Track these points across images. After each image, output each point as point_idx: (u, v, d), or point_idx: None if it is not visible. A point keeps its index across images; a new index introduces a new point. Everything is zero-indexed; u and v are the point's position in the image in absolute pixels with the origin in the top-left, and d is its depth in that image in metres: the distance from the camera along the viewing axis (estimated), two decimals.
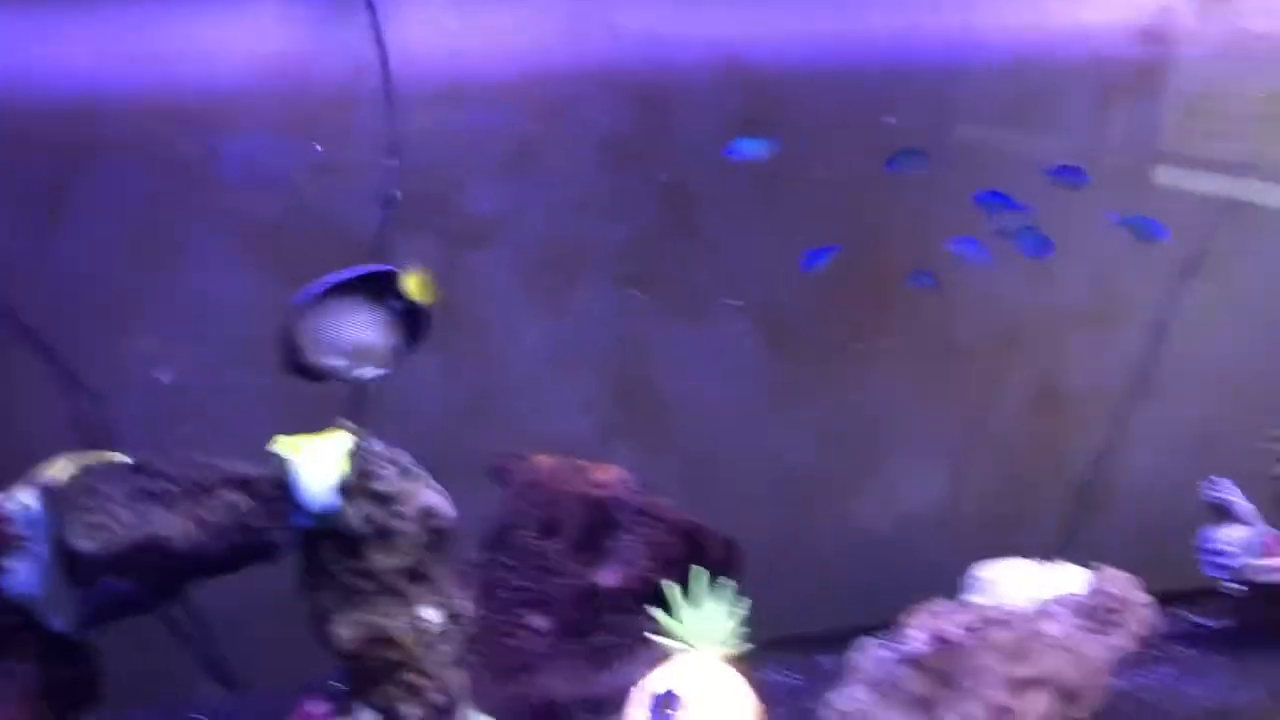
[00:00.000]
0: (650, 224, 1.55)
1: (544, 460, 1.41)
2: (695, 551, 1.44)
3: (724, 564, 1.49)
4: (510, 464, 1.43)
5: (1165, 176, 1.64)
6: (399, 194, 1.45)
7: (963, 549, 1.65)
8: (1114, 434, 1.79)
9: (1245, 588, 1.48)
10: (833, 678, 1.41)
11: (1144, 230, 1.49)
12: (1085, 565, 1.62)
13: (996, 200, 1.42)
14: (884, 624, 1.49)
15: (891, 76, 1.57)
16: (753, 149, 1.44)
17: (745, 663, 1.31)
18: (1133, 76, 1.57)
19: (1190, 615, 1.65)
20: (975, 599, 1.54)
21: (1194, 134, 1.61)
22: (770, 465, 1.68)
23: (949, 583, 1.59)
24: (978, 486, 1.76)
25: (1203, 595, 1.57)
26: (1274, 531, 1.50)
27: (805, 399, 1.66)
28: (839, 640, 1.51)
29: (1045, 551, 1.79)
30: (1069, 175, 1.47)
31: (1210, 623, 1.63)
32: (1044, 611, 1.45)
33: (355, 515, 1.08)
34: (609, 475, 1.40)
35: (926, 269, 1.51)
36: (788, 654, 1.58)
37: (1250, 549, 1.47)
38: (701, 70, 1.50)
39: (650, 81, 1.49)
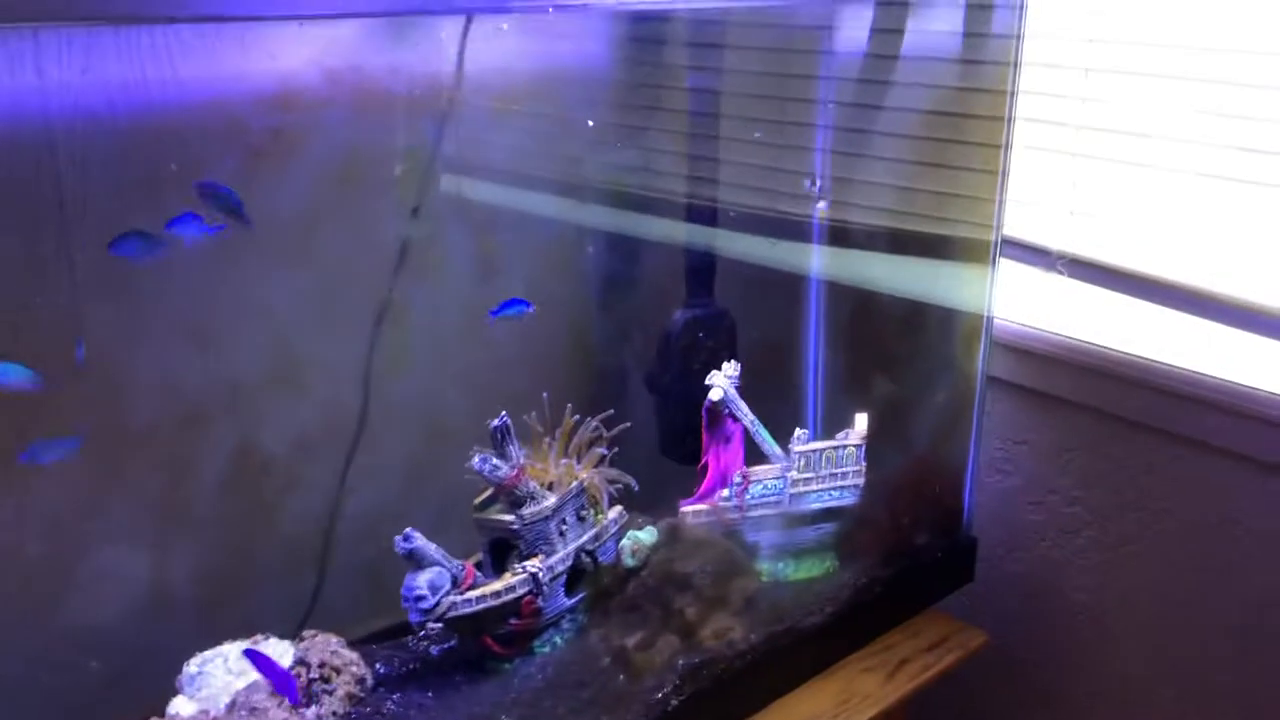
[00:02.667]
0: None
1: None
2: None
3: None
4: None
5: (330, 234, 1.65)
6: None
7: (190, 638, 1.57)
8: (331, 487, 1.80)
9: (441, 624, 1.55)
10: None
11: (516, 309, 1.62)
12: (327, 627, 1.63)
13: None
14: None
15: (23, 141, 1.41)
16: None
17: None
18: (272, 141, 1.56)
19: (422, 644, 1.72)
20: (180, 702, 1.47)
21: (347, 192, 1.64)
22: None
23: (173, 678, 1.51)
24: (193, 570, 1.67)
25: None
26: (465, 563, 1.59)
27: None
28: None
29: (289, 617, 1.78)
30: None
31: (436, 649, 1.71)
32: (239, 704, 1.42)
33: None
34: None
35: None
36: None
37: (441, 589, 1.54)
38: None
39: None
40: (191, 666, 1.49)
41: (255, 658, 1.44)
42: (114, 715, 1.48)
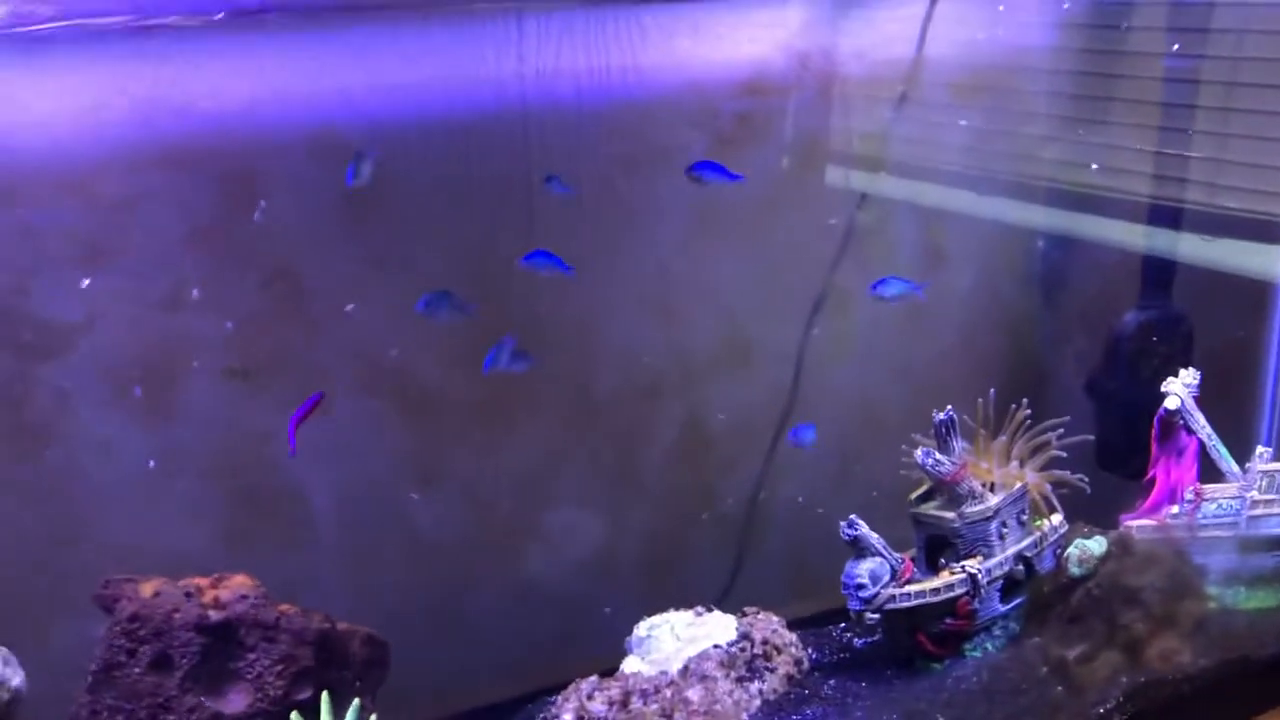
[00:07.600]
0: (256, 311, 1.45)
1: (150, 586, 1.28)
2: (332, 657, 1.37)
3: (368, 662, 1.43)
4: (115, 591, 1.29)
5: (783, 219, 1.67)
6: None
7: (629, 598, 1.65)
8: (763, 468, 1.83)
9: (879, 615, 1.55)
10: None
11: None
12: (743, 603, 1.67)
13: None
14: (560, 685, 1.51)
15: (503, 126, 1.53)
16: None
17: None
18: (739, 125, 1.59)
19: (845, 634, 1.72)
20: (632, 661, 1.54)
21: (803, 176, 1.66)
22: (421, 541, 1.62)
23: (617, 634, 1.60)
24: (636, 534, 1.76)
25: None
26: (904, 557, 1.57)
27: (448, 468, 1.60)
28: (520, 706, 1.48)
29: (712, 588, 1.83)
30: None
31: (860, 642, 1.70)
32: (691, 671, 1.47)
33: None
34: (227, 592, 1.30)
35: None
36: None
37: (880, 580, 1.53)
38: (292, 145, 1.40)
39: (234, 162, 1.37)
40: (641, 630, 1.56)
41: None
42: (567, 665, 1.56)
